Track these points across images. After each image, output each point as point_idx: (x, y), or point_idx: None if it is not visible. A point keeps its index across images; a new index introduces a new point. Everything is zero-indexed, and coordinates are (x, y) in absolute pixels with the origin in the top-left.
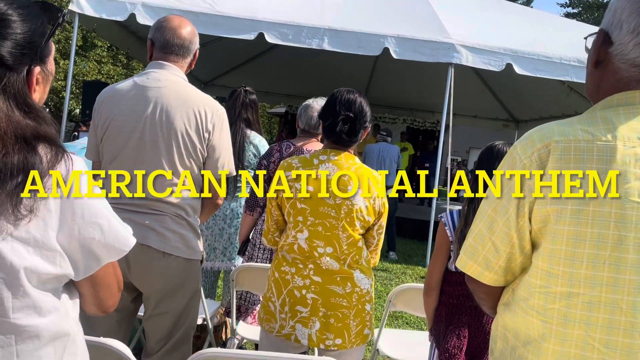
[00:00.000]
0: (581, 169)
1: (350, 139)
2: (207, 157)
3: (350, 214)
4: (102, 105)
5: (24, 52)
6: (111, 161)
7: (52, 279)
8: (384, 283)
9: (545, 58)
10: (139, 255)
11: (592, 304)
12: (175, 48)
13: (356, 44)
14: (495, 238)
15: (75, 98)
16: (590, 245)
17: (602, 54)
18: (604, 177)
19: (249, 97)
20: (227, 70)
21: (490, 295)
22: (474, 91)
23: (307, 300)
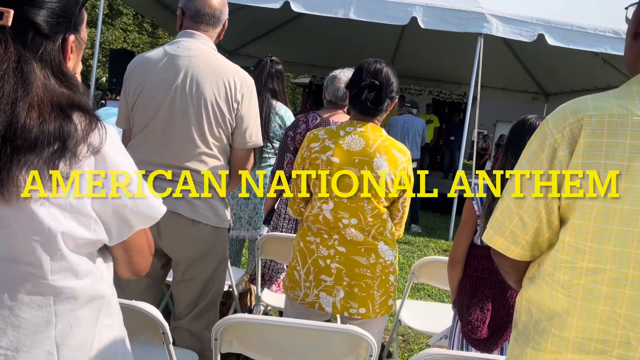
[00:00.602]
0: (614, 145)
1: (376, 108)
2: (235, 128)
3: (375, 186)
4: (133, 73)
5: (59, 20)
6: (142, 129)
7: (87, 244)
8: (406, 255)
9: (579, 28)
10: (169, 223)
11: (619, 280)
12: (206, 17)
13: (383, 13)
14: (523, 213)
15: (102, 66)
16: (620, 221)
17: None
18: (638, 153)
19: (275, 67)
20: (252, 39)
21: (516, 270)
22: (503, 62)
23: (331, 269)
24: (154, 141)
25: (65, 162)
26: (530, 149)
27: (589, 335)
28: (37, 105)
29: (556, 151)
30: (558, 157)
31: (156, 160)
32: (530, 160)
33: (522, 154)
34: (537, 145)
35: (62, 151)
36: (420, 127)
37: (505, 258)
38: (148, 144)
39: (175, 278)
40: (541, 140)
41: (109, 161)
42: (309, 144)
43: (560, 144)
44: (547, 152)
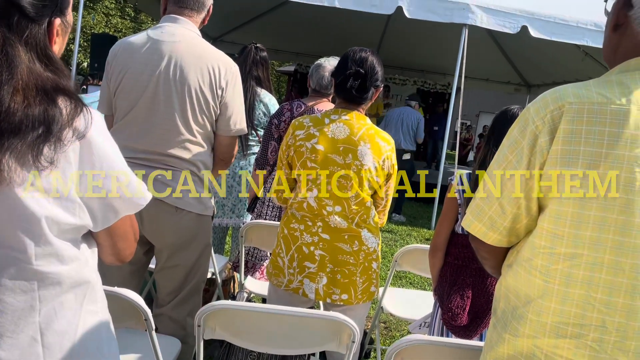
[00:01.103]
0: (592, 132)
1: (361, 96)
2: (219, 115)
3: (359, 174)
4: (116, 58)
5: (45, 3)
6: (124, 115)
7: (71, 229)
8: (389, 244)
9: (561, 21)
10: (152, 210)
11: (595, 264)
12: (191, 2)
13: (369, 2)
14: (502, 199)
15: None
16: (597, 207)
17: (622, 18)
18: (617, 140)
19: (259, 54)
20: (237, 26)
21: (493, 255)
22: (487, 54)
23: (315, 256)
24: (136, 127)
25: (50, 147)
26: (512, 136)
27: (565, 319)
28: (21, 89)
29: (537, 138)
30: (539, 143)
31: (139, 146)
32: (511, 147)
33: (503, 142)
34: (519, 132)
35: (46, 135)
36: (414, 120)
37: (482, 244)
38: (131, 130)
39: (158, 265)
40: (522, 127)
41: (94, 146)
42: (294, 132)
43: (541, 130)
44: (528, 138)
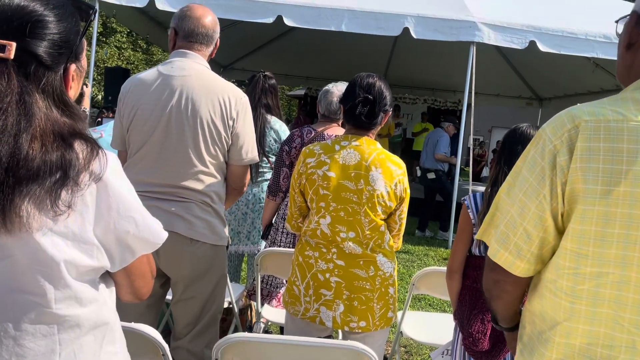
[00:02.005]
0: (611, 149)
1: (370, 122)
2: (231, 145)
3: (371, 199)
4: (127, 95)
5: (61, 51)
6: (138, 149)
7: (90, 271)
8: (406, 265)
9: (569, 34)
10: (167, 242)
11: (622, 283)
12: (200, 37)
13: (375, 25)
14: (527, 224)
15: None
16: (621, 225)
17: (635, 36)
18: (636, 157)
19: (268, 82)
20: (247, 53)
21: (517, 287)
22: (496, 69)
23: (330, 283)
24: (150, 161)
25: (68, 191)
26: (529, 158)
27: (594, 340)
28: (39, 135)
29: (556, 157)
30: (559, 162)
31: (153, 180)
32: (530, 168)
33: (518, 163)
34: (537, 153)
35: (64, 180)
36: (434, 138)
37: (507, 275)
38: (144, 164)
39: (175, 297)
40: (540, 148)
41: (110, 188)
42: (305, 159)
43: (559, 149)
44: (548, 158)
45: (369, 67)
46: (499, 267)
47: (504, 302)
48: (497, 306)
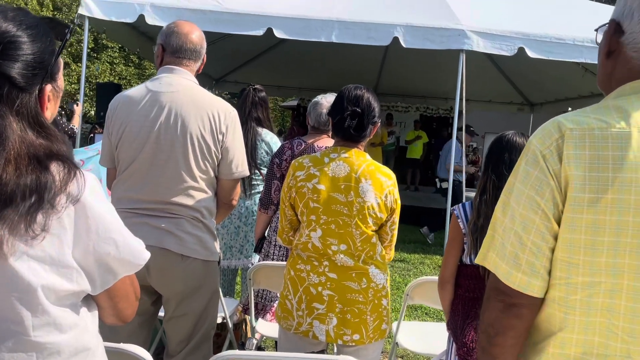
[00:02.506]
0: (597, 157)
1: (359, 134)
2: (221, 159)
3: (362, 211)
4: (116, 112)
5: (35, 72)
6: (127, 166)
7: (70, 295)
8: (402, 274)
9: (557, 40)
10: (157, 259)
11: (614, 291)
12: (188, 52)
13: (365, 35)
14: (534, 237)
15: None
16: (610, 232)
17: (614, 44)
18: (622, 164)
19: (258, 95)
20: (238, 66)
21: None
22: (487, 76)
23: (323, 297)
24: (140, 177)
25: (44, 214)
26: (521, 170)
27: (589, 349)
28: (13, 159)
29: (547, 166)
30: (552, 170)
31: (142, 196)
32: (525, 180)
33: (510, 179)
34: (528, 164)
35: (39, 203)
36: (447, 148)
37: (522, 297)
38: (134, 181)
39: (167, 314)
40: (531, 159)
41: (89, 209)
42: (295, 172)
43: (548, 158)
44: (541, 167)
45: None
46: (513, 291)
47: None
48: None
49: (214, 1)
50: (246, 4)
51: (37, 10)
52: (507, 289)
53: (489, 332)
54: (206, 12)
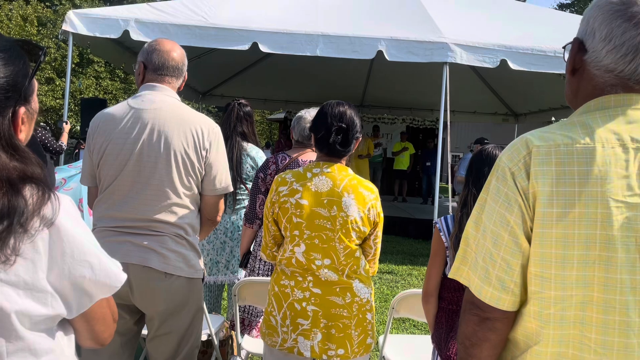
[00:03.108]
0: (563, 172)
1: (345, 149)
2: (204, 175)
3: (345, 225)
4: (97, 130)
5: (8, 95)
6: (108, 184)
7: (45, 320)
8: (390, 285)
9: (539, 52)
10: (141, 277)
11: (585, 303)
12: (170, 70)
13: (350, 49)
14: (504, 253)
15: (74, 115)
16: (579, 246)
17: (578, 62)
18: (587, 178)
19: (243, 109)
20: (224, 80)
21: (507, 324)
22: (472, 87)
23: (307, 312)
24: (121, 195)
25: (16, 238)
26: (492, 187)
27: None
28: None
29: (516, 183)
30: (520, 187)
31: (125, 214)
32: (495, 197)
33: (482, 196)
34: (498, 181)
35: (10, 228)
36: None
37: (494, 311)
38: (116, 199)
39: (150, 333)
40: (500, 176)
41: (63, 233)
42: (277, 188)
43: (517, 175)
44: (510, 184)
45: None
46: (486, 305)
47: (490, 346)
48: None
49: (199, 16)
50: (231, 19)
51: (21, 25)
52: (480, 303)
53: (465, 344)
54: (191, 28)
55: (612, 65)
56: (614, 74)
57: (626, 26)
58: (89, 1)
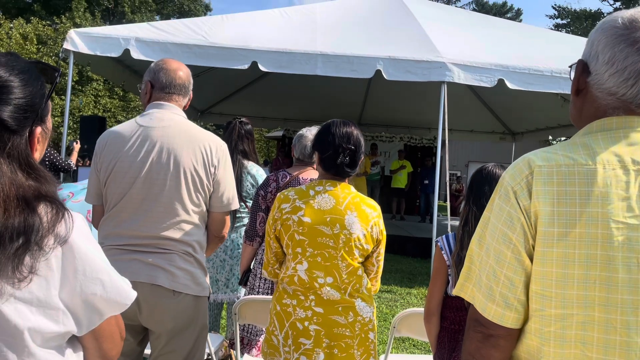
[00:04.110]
0: (564, 193)
1: (353, 170)
2: (212, 192)
3: (348, 243)
4: (105, 148)
5: (26, 115)
6: (116, 203)
7: (56, 337)
8: (389, 305)
9: (536, 72)
10: (149, 296)
11: (586, 323)
12: (177, 88)
13: (349, 68)
14: (507, 270)
15: (72, 133)
16: (580, 266)
17: (582, 83)
18: (588, 199)
19: (244, 128)
20: (223, 98)
21: (511, 340)
22: (469, 106)
23: (310, 331)
24: (130, 213)
25: (31, 256)
26: (495, 206)
27: None
28: (2, 201)
29: (518, 201)
30: (522, 206)
31: (133, 232)
32: (498, 215)
33: (485, 214)
34: (501, 200)
35: (26, 245)
36: None
37: (498, 328)
38: (124, 216)
39: (154, 352)
40: (503, 194)
41: (76, 250)
42: (280, 205)
43: (519, 195)
44: (512, 203)
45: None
46: (489, 322)
47: None
48: None
49: (199, 35)
50: (231, 39)
51: (21, 43)
52: (484, 320)
53: None
54: (191, 47)
55: (614, 89)
56: (616, 97)
57: (629, 51)
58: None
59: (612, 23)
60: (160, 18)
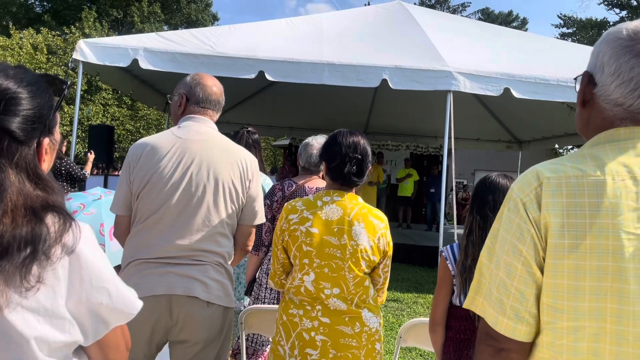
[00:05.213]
0: (574, 204)
1: (360, 180)
2: (245, 205)
3: (355, 254)
4: (140, 159)
5: (35, 126)
6: (151, 214)
7: (62, 347)
8: (395, 314)
9: (542, 80)
10: (186, 307)
11: (599, 335)
12: (212, 103)
13: (355, 77)
14: (517, 283)
15: (81, 142)
16: (591, 277)
17: (588, 95)
18: (598, 210)
19: (252, 137)
20: (231, 106)
21: (524, 354)
22: (475, 115)
23: (316, 342)
24: (166, 225)
25: (39, 266)
26: (504, 218)
27: None
28: (10, 210)
29: (528, 213)
30: (532, 218)
31: (168, 244)
32: (507, 228)
33: (494, 226)
34: (510, 212)
35: (34, 255)
36: None
37: (510, 342)
38: (159, 229)
39: None
40: (512, 206)
41: (83, 260)
42: (287, 216)
43: (528, 206)
44: (521, 215)
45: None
46: (501, 336)
47: None
48: None
49: (206, 45)
50: (238, 48)
51: (31, 53)
52: (495, 334)
53: None
54: (199, 56)
55: (621, 100)
56: (623, 108)
57: (634, 62)
58: (99, 30)
59: (617, 34)
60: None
